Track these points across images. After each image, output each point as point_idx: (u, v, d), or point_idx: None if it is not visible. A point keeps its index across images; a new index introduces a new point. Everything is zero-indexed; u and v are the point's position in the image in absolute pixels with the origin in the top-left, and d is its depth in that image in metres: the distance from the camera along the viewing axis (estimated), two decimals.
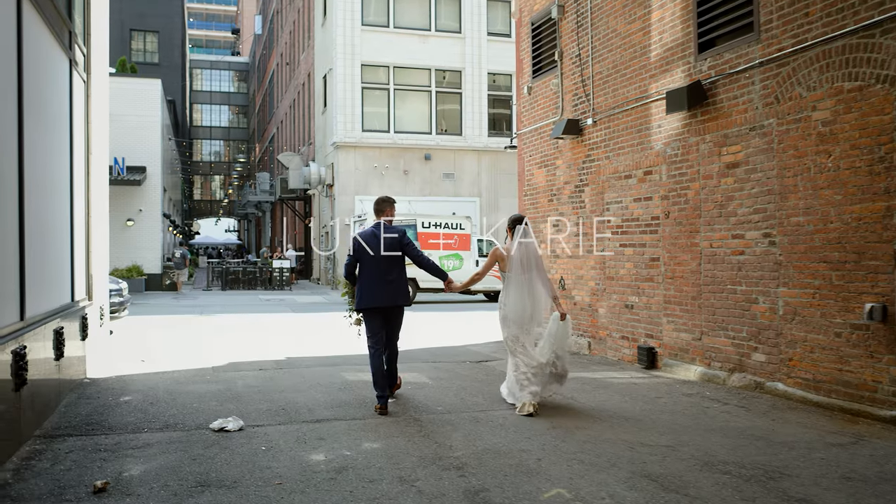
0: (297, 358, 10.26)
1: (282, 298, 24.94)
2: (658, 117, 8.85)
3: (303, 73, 38.52)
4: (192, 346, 11.75)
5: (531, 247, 7.09)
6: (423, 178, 29.92)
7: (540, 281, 7.11)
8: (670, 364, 8.63)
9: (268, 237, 54.38)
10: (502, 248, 7.32)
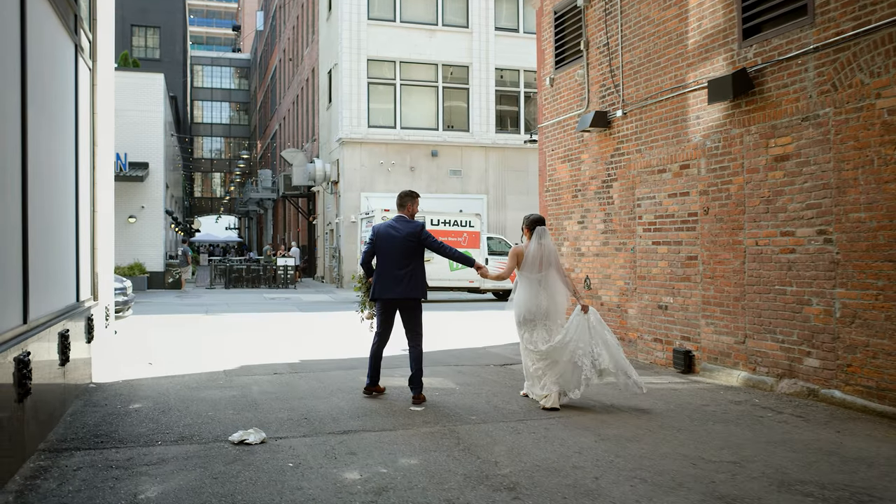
0: (311, 361, 9.79)
1: (287, 297, 24.48)
2: (696, 108, 8.38)
3: (306, 69, 38.02)
4: (200, 347, 11.28)
5: (550, 246, 7.05)
6: (429, 174, 29.44)
7: (559, 278, 7.04)
8: (709, 368, 8.17)
9: (270, 235, 53.92)
10: (522, 247, 7.12)
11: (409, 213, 7.23)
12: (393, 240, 7.08)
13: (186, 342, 11.90)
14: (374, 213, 22.50)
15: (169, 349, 10.99)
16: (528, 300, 6.97)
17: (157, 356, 10.14)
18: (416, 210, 7.26)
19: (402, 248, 7.01)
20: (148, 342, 11.82)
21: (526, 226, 7.17)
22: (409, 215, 7.22)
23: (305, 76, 38.33)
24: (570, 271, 11.19)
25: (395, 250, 7.01)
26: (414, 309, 7.10)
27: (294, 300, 22.98)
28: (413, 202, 7.24)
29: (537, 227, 7.03)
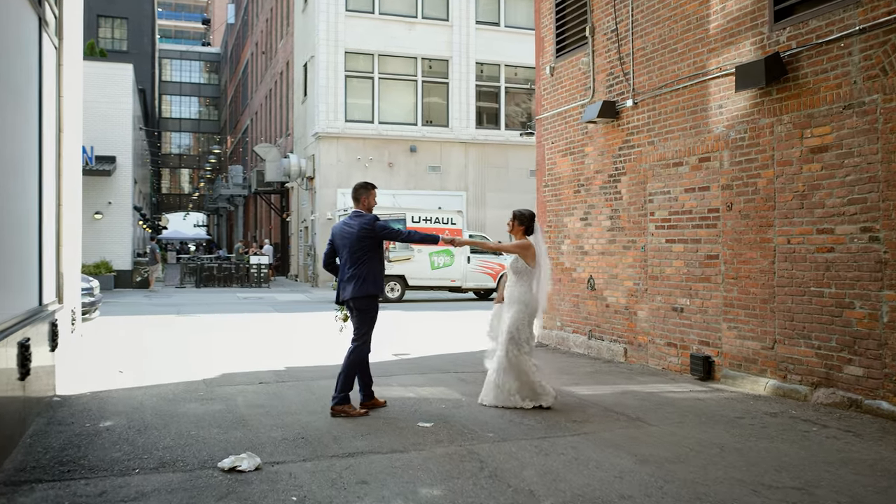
0: (297, 368, 9.06)
1: (261, 296, 23.62)
2: (719, 96, 7.80)
3: (280, 62, 37.04)
4: (175, 352, 10.47)
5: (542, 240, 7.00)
6: (408, 170, 28.73)
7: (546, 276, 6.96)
8: (732, 376, 7.60)
9: (240, 232, 52.73)
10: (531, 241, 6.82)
11: (364, 207, 6.58)
12: (347, 237, 6.50)
13: (159, 347, 11.08)
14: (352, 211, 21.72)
15: (140, 355, 10.17)
16: (539, 300, 6.80)
17: (127, 363, 9.33)
18: (373, 203, 6.62)
19: (356, 244, 6.42)
20: (117, 347, 10.97)
21: (521, 221, 6.83)
22: (366, 209, 6.58)
23: (279, 69, 37.35)
24: (571, 270, 10.58)
25: (348, 248, 6.45)
26: (362, 309, 6.48)
27: (269, 300, 22.15)
28: (368, 194, 6.59)
29: (534, 224, 6.86)
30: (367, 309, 6.49)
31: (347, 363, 6.46)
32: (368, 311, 6.50)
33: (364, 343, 6.51)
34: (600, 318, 9.85)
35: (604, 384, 7.95)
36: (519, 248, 6.71)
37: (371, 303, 6.49)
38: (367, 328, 6.50)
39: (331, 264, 6.82)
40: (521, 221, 6.82)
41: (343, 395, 6.41)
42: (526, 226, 6.79)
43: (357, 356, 6.48)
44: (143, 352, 10.46)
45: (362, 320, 6.52)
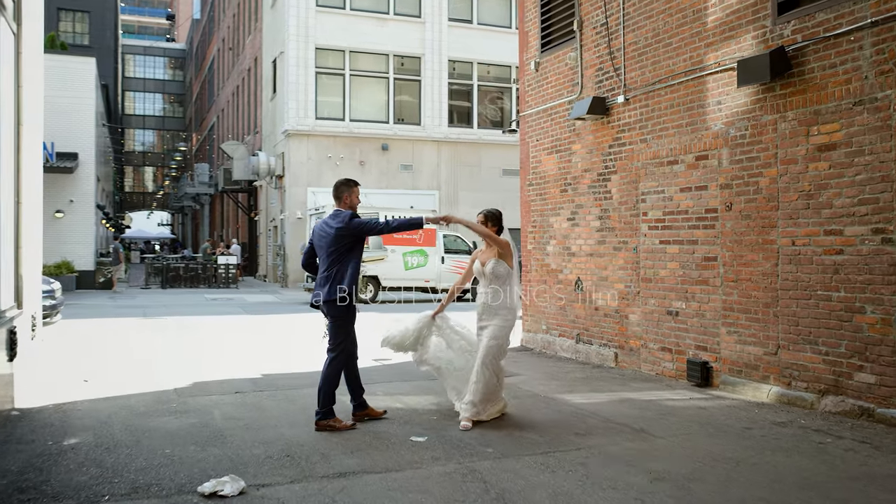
0: (274, 375, 8.60)
1: (230, 297, 22.98)
2: (717, 92, 7.52)
3: (248, 58, 36.29)
4: (143, 358, 9.93)
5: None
6: (379, 169, 28.24)
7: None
8: (731, 382, 7.32)
9: (206, 231, 51.71)
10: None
11: (346, 205, 6.14)
12: (324, 237, 6.10)
13: (126, 352, 10.52)
14: (326, 209, 21.24)
15: (106, 362, 9.62)
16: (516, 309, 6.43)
17: (93, 371, 8.78)
18: (356, 201, 6.19)
19: (333, 244, 6.02)
20: (81, 353, 10.39)
21: (496, 222, 6.41)
22: (348, 207, 6.15)
23: (247, 66, 36.59)
24: (557, 272, 10.26)
25: (325, 249, 6.06)
26: (334, 315, 6.04)
27: (238, 301, 21.53)
28: (350, 192, 6.15)
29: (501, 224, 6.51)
30: (337, 316, 6.05)
31: (324, 376, 6.02)
32: (339, 318, 6.05)
33: (340, 353, 6.06)
34: (589, 321, 9.54)
35: (598, 391, 7.63)
36: (507, 246, 6.31)
37: (340, 308, 6.02)
38: (341, 337, 6.06)
39: (310, 264, 6.43)
40: (493, 221, 6.37)
41: (326, 409, 5.98)
42: (498, 226, 6.38)
43: (333, 368, 6.03)
44: (109, 358, 9.91)
45: (335, 328, 6.09)
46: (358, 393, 6.20)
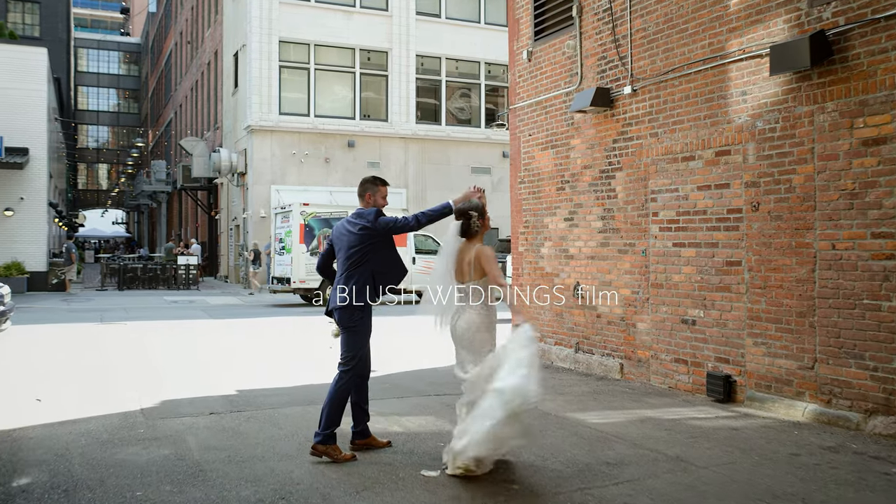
0: (252, 391, 7.77)
1: (191, 300, 21.93)
2: (742, 82, 6.91)
3: (208, 52, 35.03)
4: (101, 370, 9.00)
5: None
6: (345, 166, 27.33)
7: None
8: (759, 398, 6.73)
9: (164, 230, 50.09)
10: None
11: (369, 206, 5.44)
12: (345, 237, 5.39)
13: (83, 364, 9.56)
14: (293, 208, 20.35)
15: (62, 376, 8.67)
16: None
17: (46, 387, 7.85)
18: (380, 202, 5.43)
19: (354, 245, 5.34)
20: (33, 366, 9.41)
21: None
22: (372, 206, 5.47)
23: (206, 60, 35.33)
24: (553, 276, 9.60)
25: (344, 251, 5.38)
26: (347, 326, 5.33)
27: (200, 304, 20.51)
28: (375, 191, 5.43)
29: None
30: (352, 325, 5.31)
31: (332, 393, 5.26)
32: (355, 328, 5.31)
33: (353, 368, 5.30)
34: (590, 329, 8.90)
35: (612, 408, 6.97)
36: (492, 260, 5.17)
37: (356, 316, 5.29)
38: (355, 350, 5.31)
39: (326, 267, 5.75)
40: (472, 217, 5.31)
41: (328, 432, 5.20)
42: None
43: (343, 386, 5.28)
44: (64, 372, 8.95)
45: (348, 340, 5.34)
46: (361, 418, 5.42)
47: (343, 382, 5.27)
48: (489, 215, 5.41)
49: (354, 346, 5.30)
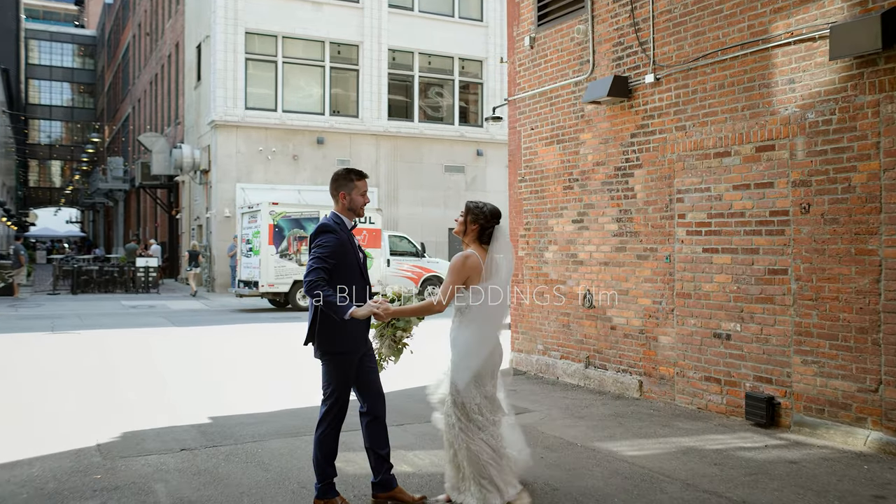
0: (227, 417, 6.79)
1: (151, 305, 20.67)
2: (790, 68, 6.15)
3: (168, 44, 33.61)
4: (51, 392, 7.93)
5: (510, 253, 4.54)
6: (314, 164, 26.25)
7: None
8: (809, 423, 5.97)
9: (120, 230, 48.27)
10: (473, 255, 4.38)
11: (343, 208, 4.42)
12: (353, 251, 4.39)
13: (29, 383, 8.46)
14: (261, 208, 19.26)
15: (3, 399, 7.58)
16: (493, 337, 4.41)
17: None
18: (358, 201, 4.42)
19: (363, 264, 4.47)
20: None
21: (480, 221, 4.41)
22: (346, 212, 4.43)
23: (167, 52, 33.90)
24: (559, 283, 8.77)
25: (359, 266, 4.41)
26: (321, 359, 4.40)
27: (161, 309, 19.29)
28: (351, 188, 4.38)
29: (495, 224, 4.44)
30: (327, 361, 4.36)
31: (317, 441, 4.32)
32: (330, 363, 4.35)
33: (333, 404, 4.32)
34: (603, 342, 8.09)
35: (643, 436, 6.15)
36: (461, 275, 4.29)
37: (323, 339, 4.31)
38: (332, 379, 4.32)
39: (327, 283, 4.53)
40: (475, 219, 4.42)
41: (326, 484, 4.28)
42: (483, 226, 4.41)
43: (323, 427, 4.32)
44: (6, 394, 7.85)
45: (324, 368, 4.39)
46: (380, 466, 4.43)
47: (322, 423, 4.31)
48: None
49: (330, 375, 4.35)
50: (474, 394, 4.31)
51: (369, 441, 4.39)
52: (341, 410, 4.32)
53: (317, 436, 4.30)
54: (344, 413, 4.34)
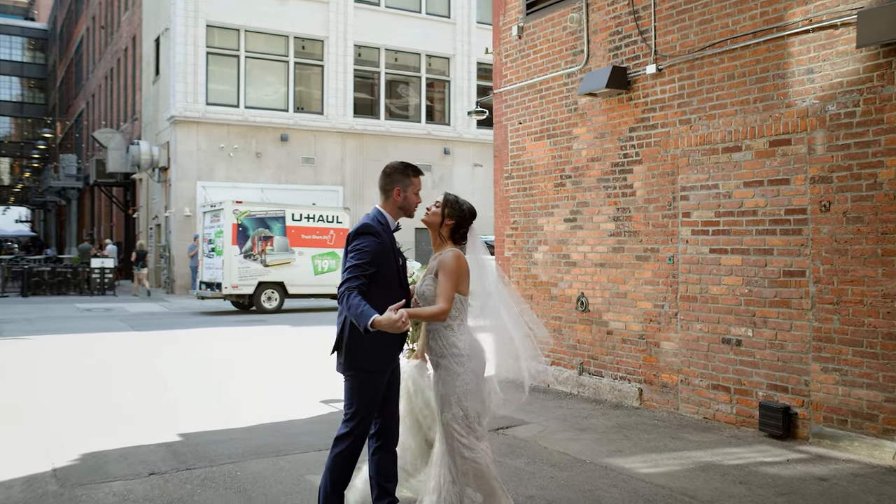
0: (200, 434, 6.19)
1: (108, 307, 19.77)
2: (808, 58, 5.79)
3: (125, 37, 32.47)
4: (0, 406, 7.22)
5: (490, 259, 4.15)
6: (278, 162, 25.54)
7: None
8: (830, 435, 5.61)
9: (74, 229, 46.69)
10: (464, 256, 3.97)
11: (394, 207, 3.92)
12: (394, 256, 3.89)
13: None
14: (224, 206, 18.53)
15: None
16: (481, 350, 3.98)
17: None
18: (413, 200, 3.93)
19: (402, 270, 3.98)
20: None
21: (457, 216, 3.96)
22: (397, 211, 3.94)
23: (123, 45, 32.76)
24: (549, 286, 8.33)
25: (399, 273, 3.93)
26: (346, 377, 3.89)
27: (118, 312, 18.42)
28: (407, 185, 3.89)
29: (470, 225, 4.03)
30: (351, 378, 3.84)
31: (329, 463, 3.82)
32: (354, 380, 3.83)
33: (354, 427, 3.81)
34: (598, 347, 7.67)
35: (654, 450, 5.73)
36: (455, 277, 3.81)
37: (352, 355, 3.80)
38: (357, 401, 3.81)
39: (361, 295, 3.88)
40: (453, 213, 3.96)
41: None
42: (459, 223, 3.97)
43: (339, 454, 3.80)
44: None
45: (348, 386, 3.87)
46: (384, 499, 3.91)
47: (339, 449, 3.80)
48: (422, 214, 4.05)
49: (354, 396, 3.82)
50: (474, 401, 3.89)
51: (375, 470, 3.88)
52: (363, 434, 3.81)
53: (330, 458, 3.80)
54: (365, 437, 3.84)
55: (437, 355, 3.91)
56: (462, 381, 3.83)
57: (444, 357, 3.88)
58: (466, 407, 3.83)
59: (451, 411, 3.84)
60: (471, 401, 3.85)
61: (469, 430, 3.84)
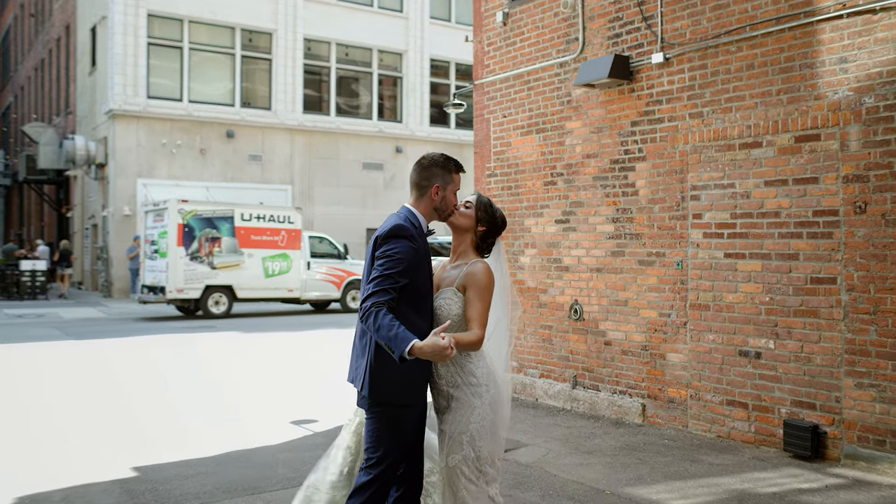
0: (158, 467, 5.38)
1: (40, 313, 18.42)
2: (840, 45, 5.31)
3: (57, 26, 30.74)
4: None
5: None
6: (224, 159, 24.42)
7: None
8: (865, 456, 5.14)
9: (0, 229, 44.28)
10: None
11: (429, 207, 3.24)
12: (428, 264, 3.24)
13: None
14: (168, 206, 17.45)
15: None
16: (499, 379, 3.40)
17: None
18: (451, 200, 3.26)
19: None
20: None
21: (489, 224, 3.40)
22: (432, 212, 3.27)
23: (56, 35, 31.01)
24: (538, 292, 7.74)
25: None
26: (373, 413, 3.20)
27: (52, 318, 17.15)
28: (448, 181, 3.22)
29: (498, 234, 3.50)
30: (378, 415, 3.15)
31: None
32: (383, 417, 3.15)
33: (380, 474, 3.10)
34: (594, 359, 7.10)
35: (675, 476, 5.17)
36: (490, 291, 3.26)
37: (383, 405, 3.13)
38: (384, 445, 3.13)
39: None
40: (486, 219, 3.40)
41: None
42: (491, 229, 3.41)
43: (367, 499, 3.09)
44: None
45: (373, 427, 3.16)
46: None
47: (361, 499, 3.11)
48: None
49: (382, 439, 3.12)
50: (488, 440, 3.26)
51: None
52: (388, 482, 3.11)
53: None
54: (390, 486, 3.13)
55: (448, 385, 3.25)
56: (478, 416, 3.21)
57: (458, 387, 3.24)
58: (480, 448, 3.21)
59: (462, 452, 3.20)
60: (485, 440, 3.23)
61: (479, 473, 3.22)
